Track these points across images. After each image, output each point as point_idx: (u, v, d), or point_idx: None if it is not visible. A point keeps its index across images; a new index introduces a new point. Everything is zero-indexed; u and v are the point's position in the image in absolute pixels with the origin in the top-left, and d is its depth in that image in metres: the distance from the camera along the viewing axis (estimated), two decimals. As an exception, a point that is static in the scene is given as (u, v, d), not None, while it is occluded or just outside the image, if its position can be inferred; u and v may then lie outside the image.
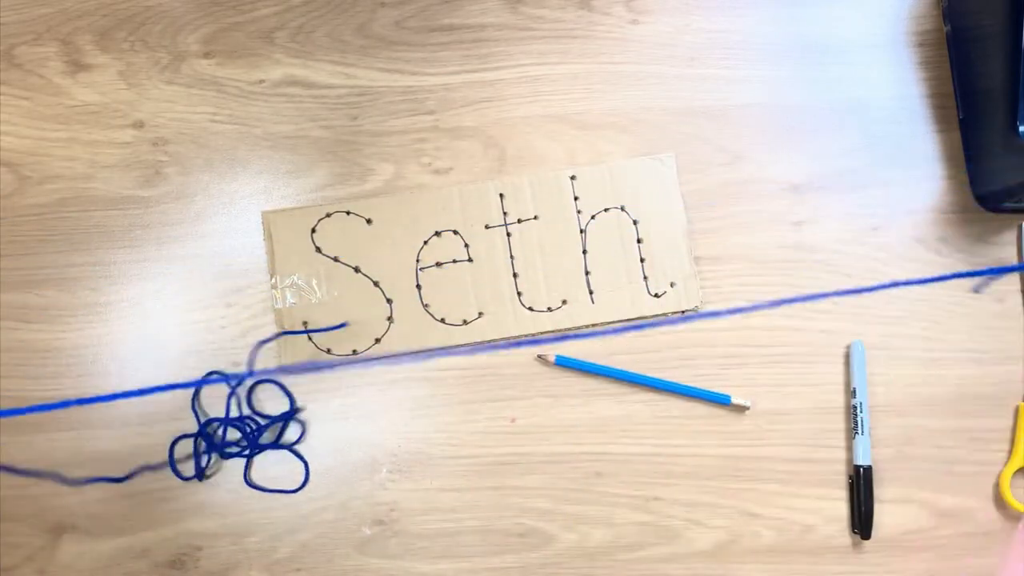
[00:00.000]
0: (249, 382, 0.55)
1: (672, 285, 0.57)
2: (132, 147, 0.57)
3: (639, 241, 0.57)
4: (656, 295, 0.57)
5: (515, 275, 0.57)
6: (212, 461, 0.54)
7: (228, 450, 0.54)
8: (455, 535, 0.55)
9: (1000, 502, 0.56)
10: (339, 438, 0.55)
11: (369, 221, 0.56)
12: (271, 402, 0.55)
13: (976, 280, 0.56)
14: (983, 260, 0.59)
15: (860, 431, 0.55)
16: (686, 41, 0.60)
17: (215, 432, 0.54)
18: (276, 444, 0.55)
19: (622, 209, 0.57)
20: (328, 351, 0.55)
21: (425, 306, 0.56)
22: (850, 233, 0.58)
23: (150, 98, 0.57)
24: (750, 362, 0.57)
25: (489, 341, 0.56)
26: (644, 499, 0.55)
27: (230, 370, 0.55)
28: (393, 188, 0.57)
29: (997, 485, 0.57)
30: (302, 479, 0.54)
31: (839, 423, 0.57)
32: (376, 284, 0.56)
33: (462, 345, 0.56)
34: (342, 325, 0.55)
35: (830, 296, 0.55)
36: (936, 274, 0.58)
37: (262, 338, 0.55)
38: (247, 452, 0.54)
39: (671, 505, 0.55)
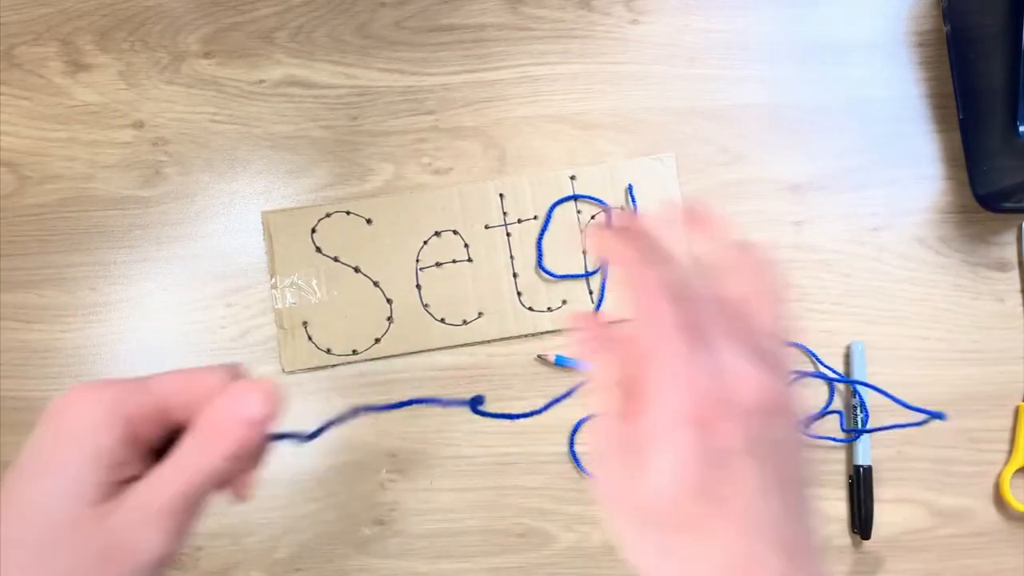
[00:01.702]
0: None
1: (672, 285, 0.57)
2: (132, 147, 0.57)
3: (639, 241, 0.57)
4: (656, 295, 0.57)
5: (515, 275, 0.57)
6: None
7: None
8: (455, 535, 0.55)
9: (1000, 502, 0.56)
10: (339, 438, 0.55)
11: (369, 221, 0.56)
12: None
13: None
14: (983, 260, 0.59)
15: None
16: (686, 41, 0.60)
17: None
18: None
19: (622, 209, 0.57)
20: (328, 351, 0.55)
21: (425, 306, 0.56)
22: (850, 233, 0.58)
23: (150, 98, 0.57)
24: (750, 362, 0.57)
25: (489, 341, 0.56)
26: (644, 499, 0.55)
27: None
28: (393, 188, 0.57)
29: (997, 485, 0.57)
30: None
31: (839, 423, 0.57)
32: (376, 284, 0.56)
33: (462, 345, 0.56)
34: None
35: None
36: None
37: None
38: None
39: (671, 505, 0.55)
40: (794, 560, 0.25)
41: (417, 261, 0.56)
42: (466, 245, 0.57)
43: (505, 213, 0.57)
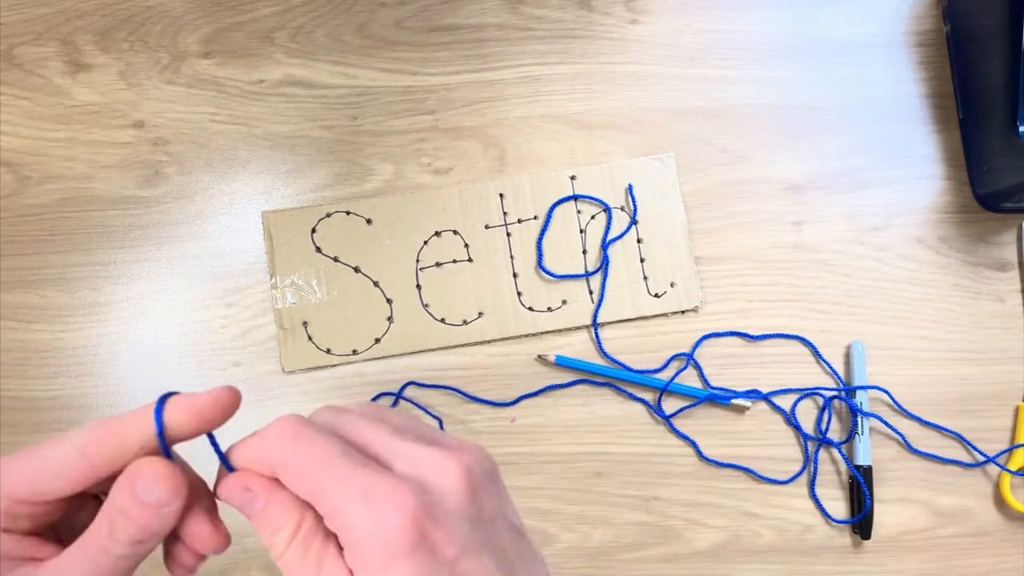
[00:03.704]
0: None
1: (672, 285, 0.57)
2: (132, 147, 0.57)
3: (639, 241, 0.57)
4: (656, 295, 0.57)
5: (515, 275, 0.57)
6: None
7: None
8: (455, 535, 0.54)
9: (1000, 502, 0.56)
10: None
11: (369, 221, 0.56)
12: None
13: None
14: (983, 260, 0.59)
15: (860, 431, 0.55)
16: (686, 41, 0.60)
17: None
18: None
19: (622, 209, 0.57)
20: (328, 351, 0.55)
21: (425, 306, 0.56)
22: (850, 233, 0.58)
23: (150, 98, 0.57)
24: (750, 362, 0.57)
25: (489, 341, 0.56)
26: (644, 499, 0.55)
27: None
28: (393, 188, 0.57)
29: (997, 485, 0.57)
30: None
31: (839, 423, 0.57)
32: (376, 284, 0.56)
33: (462, 345, 0.56)
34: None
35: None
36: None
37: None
38: None
39: (671, 505, 0.55)
40: None
41: (417, 261, 0.56)
42: (466, 245, 0.57)
43: (505, 213, 0.57)
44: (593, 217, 0.57)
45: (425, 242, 0.56)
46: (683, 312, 0.57)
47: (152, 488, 0.24)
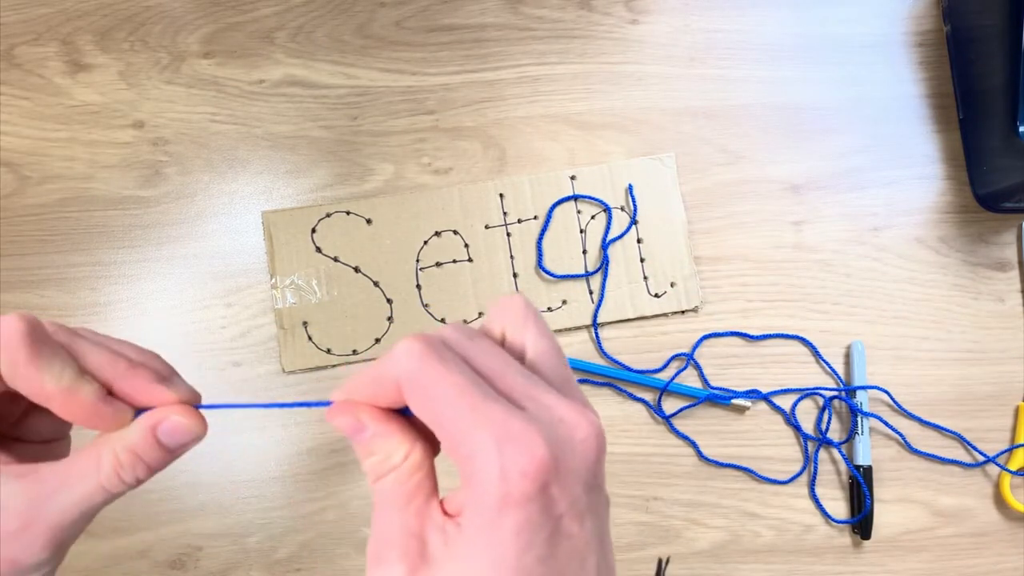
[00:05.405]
0: None
1: (672, 285, 0.57)
2: (132, 147, 0.57)
3: (639, 241, 0.57)
4: (656, 295, 0.57)
5: (515, 275, 0.57)
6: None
7: None
8: (455, 535, 0.54)
9: (1000, 502, 0.56)
10: (339, 438, 0.55)
11: (369, 221, 0.56)
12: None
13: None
14: (983, 260, 0.59)
15: (860, 431, 0.55)
16: (686, 41, 0.60)
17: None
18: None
19: (622, 209, 0.57)
20: (328, 351, 0.55)
21: (425, 306, 0.56)
22: (850, 233, 0.58)
23: (150, 98, 0.57)
24: (750, 362, 0.57)
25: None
26: (644, 499, 0.55)
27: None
28: (393, 188, 0.57)
29: (997, 485, 0.57)
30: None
31: (839, 423, 0.57)
32: (376, 284, 0.56)
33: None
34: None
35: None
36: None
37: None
38: None
39: (671, 505, 0.55)
40: None
41: (417, 261, 0.56)
42: (466, 245, 0.57)
43: (505, 213, 0.57)
44: (593, 217, 0.57)
45: (425, 242, 0.56)
46: (683, 312, 0.57)
47: (175, 434, 0.25)
